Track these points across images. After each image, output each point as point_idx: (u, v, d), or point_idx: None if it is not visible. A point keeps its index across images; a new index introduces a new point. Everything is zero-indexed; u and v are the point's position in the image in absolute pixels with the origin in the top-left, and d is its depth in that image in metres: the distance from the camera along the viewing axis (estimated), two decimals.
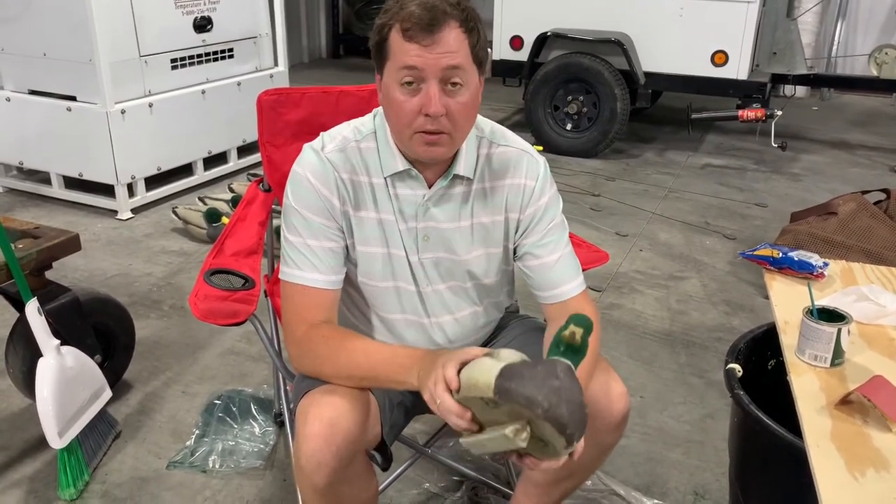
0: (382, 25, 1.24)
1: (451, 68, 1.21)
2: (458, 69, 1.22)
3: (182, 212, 3.53)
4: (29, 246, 1.96)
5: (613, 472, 2.00)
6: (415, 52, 1.20)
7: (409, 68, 1.21)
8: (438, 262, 1.41)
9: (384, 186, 1.36)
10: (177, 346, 2.59)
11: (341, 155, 1.35)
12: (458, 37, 1.21)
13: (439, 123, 1.23)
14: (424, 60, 1.20)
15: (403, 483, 1.94)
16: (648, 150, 5.09)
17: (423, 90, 1.22)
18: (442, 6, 1.20)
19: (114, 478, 1.97)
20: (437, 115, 1.22)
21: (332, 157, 1.34)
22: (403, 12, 1.21)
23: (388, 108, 1.29)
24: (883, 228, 3.02)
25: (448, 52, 1.20)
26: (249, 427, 2.14)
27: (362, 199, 1.36)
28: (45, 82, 3.67)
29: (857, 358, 1.37)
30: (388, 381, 1.26)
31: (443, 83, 1.22)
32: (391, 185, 1.36)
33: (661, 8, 4.63)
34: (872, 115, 6.28)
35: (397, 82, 1.23)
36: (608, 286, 3.10)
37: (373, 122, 1.38)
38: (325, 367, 1.29)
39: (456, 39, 1.21)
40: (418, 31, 1.19)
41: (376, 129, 1.37)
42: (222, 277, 1.67)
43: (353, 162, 1.35)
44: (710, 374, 2.48)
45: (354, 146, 1.36)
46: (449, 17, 1.20)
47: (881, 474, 1.07)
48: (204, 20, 3.99)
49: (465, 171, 1.37)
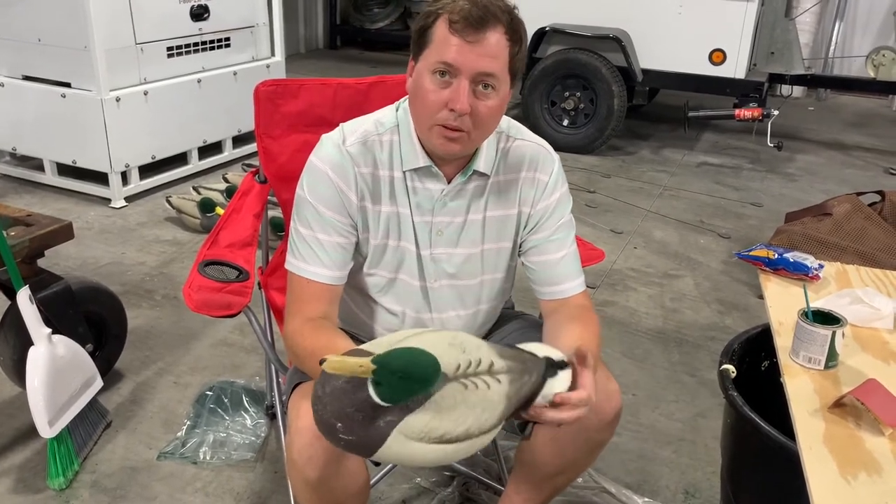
0: (430, 13, 1.24)
1: (486, 74, 1.22)
2: (493, 76, 1.23)
3: (176, 201, 3.51)
4: (21, 234, 1.95)
5: (605, 470, 2.01)
6: (456, 47, 1.20)
7: (445, 63, 1.21)
8: (450, 257, 1.40)
9: (402, 180, 1.36)
10: (169, 336, 2.58)
11: (362, 148, 1.34)
12: (500, 42, 1.22)
13: (462, 121, 1.23)
14: (463, 58, 1.20)
15: (394, 478, 1.94)
16: (644, 148, 5.09)
17: (453, 85, 1.22)
18: (493, 8, 1.21)
19: (104, 468, 1.96)
20: (462, 113, 1.22)
21: (352, 151, 1.33)
22: (454, 5, 1.21)
23: (415, 94, 1.28)
24: (877, 230, 3.03)
25: (487, 56, 1.21)
26: (241, 419, 2.14)
27: (380, 193, 1.36)
28: (40, 68, 3.64)
29: (850, 361, 1.37)
30: None
31: (474, 83, 1.22)
32: (410, 179, 1.36)
33: (660, 5, 4.62)
34: (869, 116, 6.29)
35: (430, 71, 1.23)
36: (602, 283, 3.10)
37: (395, 115, 1.38)
38: (306, 364, 1.29)
39: (498, 44, 1.21)
40: (465, 25, 1.19)
41: (399, 122, 1.36)
42: (217, 269, 1.66)
43: (373, 155, 1.35)
44: (703, 372, 2.49)
45: (376, 139, 1.35)
46: (498, 20, 1.21)
47: (873, 478, 1.07)
48: (201, 8, 3.96)
49: (485, 167, 1.37)
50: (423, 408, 0.98)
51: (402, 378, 0.96)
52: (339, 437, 0.99)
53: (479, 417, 1.03)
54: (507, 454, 1.99)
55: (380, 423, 0.97)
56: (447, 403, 1.00)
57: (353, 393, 0.97)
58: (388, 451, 0.99)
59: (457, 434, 1.01)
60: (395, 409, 0.98)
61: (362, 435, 0.98)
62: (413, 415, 0.98)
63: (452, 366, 1.03)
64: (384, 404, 0.97)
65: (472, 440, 1.03)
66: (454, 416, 1.00)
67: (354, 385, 0.97)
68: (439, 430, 0.99)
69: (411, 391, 0.97)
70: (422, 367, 0.98)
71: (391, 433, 0.97)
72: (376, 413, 0.97)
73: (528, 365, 1.12)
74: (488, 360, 1.07)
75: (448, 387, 1.01)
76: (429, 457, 1.02)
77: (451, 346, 1.06)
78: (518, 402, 1.09)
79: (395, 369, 0.95)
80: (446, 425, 1.00)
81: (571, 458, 1.45)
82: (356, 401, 0.97)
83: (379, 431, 0.97)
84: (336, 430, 0.98)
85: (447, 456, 1.03)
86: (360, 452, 1.03)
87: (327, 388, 0.99)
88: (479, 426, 1.03)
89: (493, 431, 1.07)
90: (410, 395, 0.97)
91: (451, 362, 1.03)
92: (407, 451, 0.99)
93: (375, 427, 0.97)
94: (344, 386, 0.97)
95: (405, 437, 0.98)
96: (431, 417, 0.99)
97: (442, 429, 1.00)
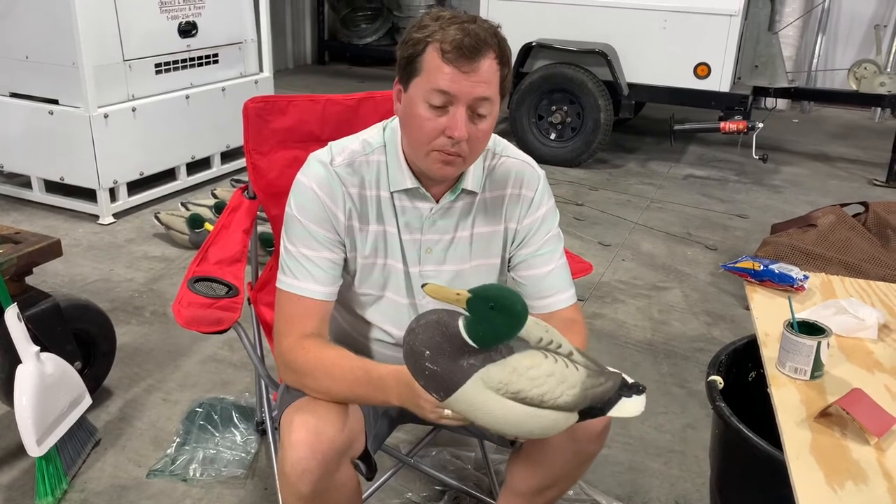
0: (419, 41, 1.24)
1: (482, 99, 1.23)
2: (487, 100, 1.24)
3: (165, 217, 3.51)
4: (9, 251, 1.94)
5: (595, 482, 2.01)
6: (450, 76, 1.21)
7: (442, 92, 1.22)
8: (438, 274, 1.41)
9: (390, 200, 1.37)
10: (158, 353, 2.57)
11: (349, 169, 1.35)
12: (492, 67, 1.23)
13: (459, 147, 1.25)
14: (459, 86, 1.21)
15: (386, 492, 1.94)
16: (631, 161, 5.13)
17: (450, 113, 1.23)
18: (484, 35, 1.22)
19: (93, 486, 1.95)
20: (461, 140, 1.24)
21: (340, 172, 1.34)
22: (444, 34, 1.21)
23: (408, 121, 1.29)
24: (861, 241, 3.07)
25: (482, 83, 1.22)
26: (231, 435, 2.13)
27: (367, 212, 1.37)
28: (28, 85, 3.63)
29: (836, 371, 1.38)
30: (368, 401, 1.27)
31: (470, 110, 1.23)
32: (398, 199, 1.37)
33: (644, 20, 4.67)
34: (852, 128, 6.36)
35: (425, 101, 1.24)
36: (591, 296, 3.12)
37: (382, 135, 1.38)
38: (306, 381, 1.29)
39: (489, 70, 1.23)
40: (458, 55, 1.20)
41: (386, 143, 1.37)
42: (206, 285, 1.66)
43: (361, 176, 1.35)
44: (692, 384, 2.50)
45: (363, 160, 1.36)
46: (489, 47, 1.22)
47: (859, 487, 1.08)
48: (189, 25, 3.97)
49: (474, 185, 1.39)
50: (505, 361, 1.05)
51: (494, 309, 1.03)
52: (425, 365, 1.04)
53: (555, 389, 1.08)
54: (497, 467, 1.99)
55: (464, 363, 1.04)
56: (527, 363, 1.07)
57: (444, 327, 1.05)
58: (464, 394, 1.04)
59: (532, 395, 1.06)
60: (479, 355, 1.05)
61: (446, 368, 1.03)
62: (494, 364, 1.05)
63: (535, 336, 1.10)
64: (472, 344, 1.04)
65: (545, 414, 1.08)
66: (532, 376, 1.06)
67: (447, 322, 1.05)
68: (517, 384, 1.05)
69: (498, 330, 1.04)
70: (512, 301, 1.05)
71: (472, 376, 1.03)
72: (462, 352, 1.04)
73: (605, 371, 1.17)
74: (569, 348, 1.14)
75: (529, 351, 1.09)
76: (499, 413, 1.06)
77: (537, 324, 1.13)
78: (592, 399, 1.13)
79: (489, 297, 1.03)
80: (524, 383, 1.06)
81: (561, 470, 1.46)
82: (447, 334, 1.04)
83: (462, 370, 1.03)
84: (423, 358, 1.04)
85: (518, 419, 1.07)
86: (440, 388, 1.05)
87: (421, 321, 1.07)
88: (553, 397, 1.08)
89: (565, 416, 1.11)
90: (497, 334, 1.04)
91: (535, 333, 1.10)
92: (482, 399, 1.04)
93: (459, 365, 1.03)
94: (438, 319, 1.05)
95: (483, 384, 1.04)
96: (511, 371, 1.05)
97: (519, 384, 1.05)
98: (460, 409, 1.06)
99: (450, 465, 2.04)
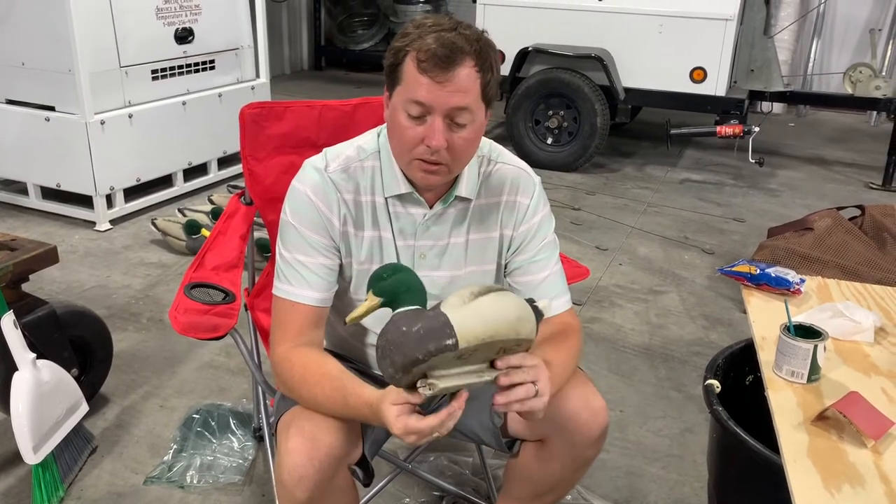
0: (399, 49, 1.23)
1: (459, 109, 1.22)
2: (465, 110, 1.23)
3: (161, 223, 3.50)
4: (5, 258, 1.94)
5: (593, 487, 2.01)
6: (426, 87, 1.20)
7: (417, 103, 1.21)
8: (433, 280, 1.41)
9: (384, 205, 1.37)
10: (155, 360, 2.56)
11: (344, 175, 1.35)
12: (470, 76, 1.21)
13: (439, 156, 1.24)
14: (434, 97, 1.20)
15: (383, 498, 1.93)
16: (628, 165, 5.13)
17: (427, 122, 1.23)
18: (460, 43, 1.20)
19: (89, 493, 1.94)
20: (439, 149, 1.23)
21: (335, 178, 1.34)
22: (421, 42, 1.20)
23: (392, 129, 1.29)
24: (858, 244, 3.07)
25: (458, 92, 1.20)
26: (228, 442, 2.13)
27: (362, 218, 1.37)
28: (24, 92, 3.63)
29: (832, 374, 1.39)
30: (352, 420, 1.26)
31: (448, 118, 1.23)
32: (392, 204, 1.37)
33: (640, 25, 4.68)
34: (848, 131, 6.38)
35: (404, 110, 1.24)
36: (588, 300, 3.12)
37: (376, 141, 1.38)
38: (300, 391, 1.29)
39: (468, 78, 1.21)
40: (433, 65, 1.19)
41: (380, 148, 1.37)
42: (203, 291, 1.66)
43: (356, 181, 1.35)
44: (689, 388, 2.50)
45: (358, 165, 1.36)
46: (465, 55, 1.20)
47: (856, 490, 1.09)
48: (185, 31, 3.97)
49: (468, 192, 1.38)
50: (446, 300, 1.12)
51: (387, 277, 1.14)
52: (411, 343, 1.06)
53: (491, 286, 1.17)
54: (495, 473, 1.99)
55: (428, 314, 1.09)
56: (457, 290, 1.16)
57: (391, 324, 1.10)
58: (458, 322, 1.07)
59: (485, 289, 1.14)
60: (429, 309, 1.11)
61: (426, 326, 1.07)
62: (443, 301, 1.12)
63: None
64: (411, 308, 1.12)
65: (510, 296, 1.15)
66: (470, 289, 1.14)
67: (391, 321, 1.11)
68: (468, 290, 1.13)
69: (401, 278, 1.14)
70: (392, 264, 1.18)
71: (443, 314, 1.08)
72: (417, 315, 1.10)
73: None
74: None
75: None
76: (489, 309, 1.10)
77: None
78: None
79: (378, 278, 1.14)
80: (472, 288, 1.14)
81: (559, 475, 1.46)
82: (397, 323, 1.09)
83: (436, 317, 1.08)
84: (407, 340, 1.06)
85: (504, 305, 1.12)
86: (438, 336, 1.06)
87: (380, 342, 1.10)
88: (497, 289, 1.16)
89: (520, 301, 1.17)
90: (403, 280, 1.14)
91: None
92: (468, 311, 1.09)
93: (427, 317, 1.08)
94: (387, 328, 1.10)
95: (454, 309, 1.09)
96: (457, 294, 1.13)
97: (470, 289, 1.13)
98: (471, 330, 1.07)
99: (448, 470, 2.04)
